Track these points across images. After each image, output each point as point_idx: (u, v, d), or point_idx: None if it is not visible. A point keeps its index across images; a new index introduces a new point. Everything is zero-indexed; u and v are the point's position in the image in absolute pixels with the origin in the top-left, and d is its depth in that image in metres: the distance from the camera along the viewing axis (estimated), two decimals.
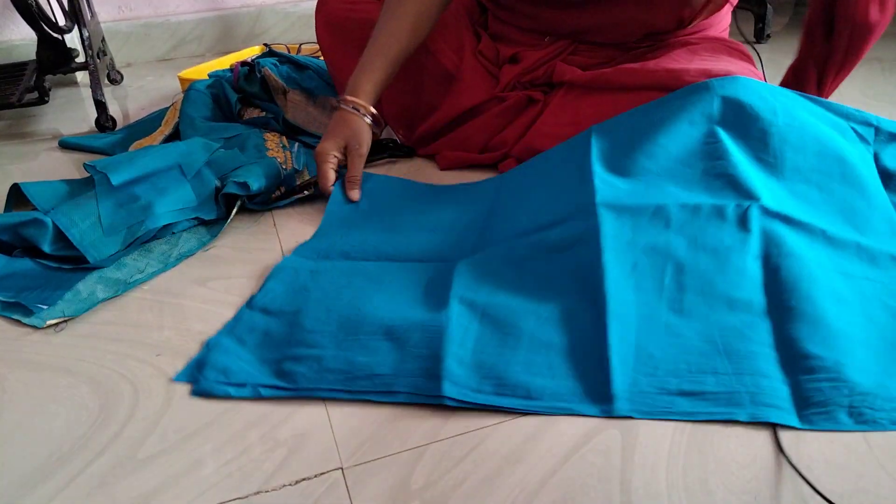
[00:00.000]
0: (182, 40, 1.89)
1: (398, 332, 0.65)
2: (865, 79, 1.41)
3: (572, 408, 0.59)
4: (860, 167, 0.80)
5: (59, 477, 0.56)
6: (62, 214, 0.85)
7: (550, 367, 0.62)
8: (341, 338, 0.66)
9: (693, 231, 0.71)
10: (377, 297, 0.71)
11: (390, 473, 0.55)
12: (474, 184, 0.99)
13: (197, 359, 0.67)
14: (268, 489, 0.54)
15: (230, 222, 0.94)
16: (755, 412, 0.57)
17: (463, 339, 0.64)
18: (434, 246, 0.83)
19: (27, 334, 0.75)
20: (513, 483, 0.54)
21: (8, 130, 1.40)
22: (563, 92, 1.03)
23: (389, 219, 0.90)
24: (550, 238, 0.75)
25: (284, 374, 0.63)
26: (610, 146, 0.85)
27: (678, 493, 0.52)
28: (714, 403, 0.58)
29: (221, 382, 0.63)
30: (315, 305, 0.71)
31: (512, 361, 0.62)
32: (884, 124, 0.88)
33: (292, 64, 1.31)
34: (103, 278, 0.82)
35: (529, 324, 0.66)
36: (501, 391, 0.60)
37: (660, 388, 0.59)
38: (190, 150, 0.99)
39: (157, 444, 0.59)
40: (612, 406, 0.58)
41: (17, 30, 1.70)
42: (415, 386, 0.60)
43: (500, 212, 0.87)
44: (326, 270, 0.78)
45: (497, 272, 0.73)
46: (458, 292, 0.70)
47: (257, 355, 0.66)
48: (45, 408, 0.64)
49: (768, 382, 0.59)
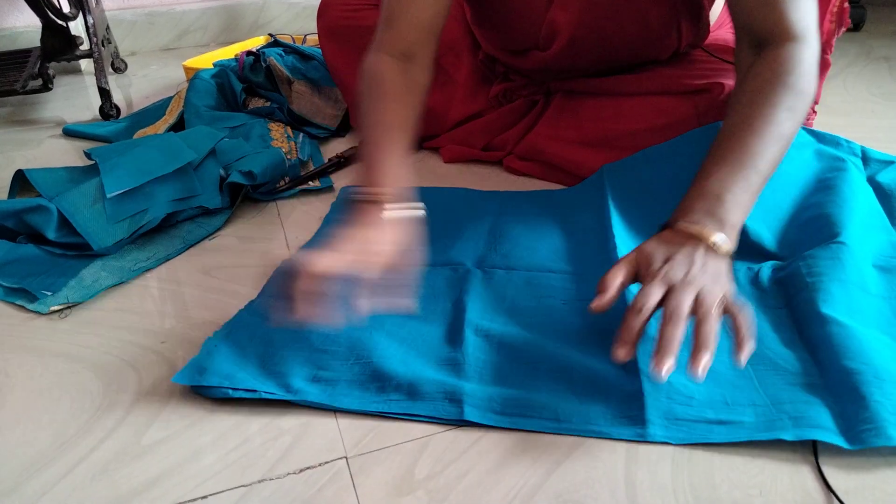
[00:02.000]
0: (187, 30, 1.88)
1: (414, 362, 0.63)
2: (872, 78, 1.40)
3: (603, 431, 0.56)
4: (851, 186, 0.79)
5: (63, 462, 0.56)
6: (66, 201, 0.85)
7: (575, 392, 0.59)
8: (353, 362, 0.63)
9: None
10: (387, 320, 0.68)
11: (394, 463, 0.55)
12: (475, 192, 0.96)
13: (197, 361, 0.63)
14: (271, 477, 0.54)
15: (234, 212, 0.94)
16: (800, 432, 0.54)
17: (482, 368, 0.62)
18: (441, 248, 0.81)
19: (31, 320, 0.75)
20: (517, 475, 0.54)
21: (12, 117, 1.40)
22: (561, 94, 1.02)
23: None
24: (570, 289, 0.72)
25: (293, 390, 0.61)
26: (626, 202, 0.83)
27: (683, 486, 0.52)
28: (755, 430, 0.55)
29: (225, 387, 0.60)
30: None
31: (533, 387, 0.60)
32: (869, 153, 0.87)
33: (297, 54, 1.31)
34: (107, 265, 0.82)
35: (548, 352, 0.63)
36: (527, 413, 0.58)
37: (697, 418, 0.56)
38: (195, 139, 0.99)
39: (160, 432, 0.59)
40: (645, 430, 0.55)
41: (21, 17, 1.70)
42: (434, 410, 0.58)
43: (507, 232, 0.83)
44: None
45: (513, 305, 0.70)
46: (473, 321, 0.67)
47: (262, 367, 0.63)
48: (49, 393, 0.64)
49: (810, 408, 0.56)
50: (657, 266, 0.60)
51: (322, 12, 1.14)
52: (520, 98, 1.05)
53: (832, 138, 0.88)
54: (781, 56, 0.71)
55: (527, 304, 0.71)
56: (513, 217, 0.87)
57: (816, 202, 0.78)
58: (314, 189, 1.01)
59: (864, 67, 1.47)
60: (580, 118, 0.98)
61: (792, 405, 0.56)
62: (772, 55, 0.72)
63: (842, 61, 1.52)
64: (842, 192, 0.77)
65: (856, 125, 1.16)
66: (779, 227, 0.78)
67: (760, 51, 0.73)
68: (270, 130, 1.14)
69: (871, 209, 0.78)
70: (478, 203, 0.92)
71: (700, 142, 0.84)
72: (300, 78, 1.25)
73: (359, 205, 0.68)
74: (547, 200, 0.92)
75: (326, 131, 1.19)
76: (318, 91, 1.25)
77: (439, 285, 0.74)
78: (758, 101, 0.69)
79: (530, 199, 0.92)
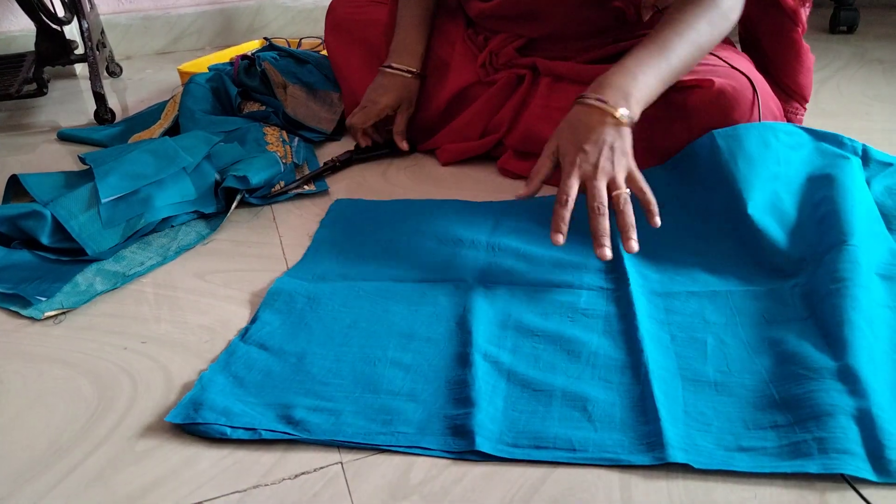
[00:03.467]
0: (182, 33, 1.88)
1: (421, 394, 0.61)
2: (866, 80, 1.41)
3: (621, 458, 0.54)
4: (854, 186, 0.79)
5: (58, 469, 0.56)
6: (61, 206, 0.84)
7: (590, 419, 0.58)
8: (358, 395, 0.61)
9: (728, 311, 0.69)
10: (390, 346, 0.67)
11: (389, 468, 0.55)
12: (472, 202, 0.94)
13: (191, 397, 0.61)
14: (267, 483, 0.54)
15: (229, 216, 0.94)
16: (827, 462, 0.52)
17: (492, 397, 0.60)
18: (439, 262, 0.80)
19: (25, 326, 0.74)
20: (513, 478, 0.54)
21: (6, 122, 1.39)
22: (551, 79, 1.02)
23: (387, 236, 0.86)
24: (579, 303, 0.72)
25: (295, 422, 0.59)
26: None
27: (678, 490, 0.52)
28: (778, 458, 0.53)
29: (221, 424, 0.58)
30: (320, 349, 0.67)
31: (547, 416, 0.58)
32: (871, 152, 0.87)
33: (293, 58, 1.31)
34: (102, 271, 0.82)
35: (559, 380, 0.62)
36: (541, 444, 0.56)
37: (716, 444, 0.55)
38: (190, 144, 0.98)
39: (155, 437, 0.59)
40: (665, 453, 0.53)
41: (16, 21, 1.69)
42: (444, 443, 0.56)
43: (507, 245, 0.82)
44: (325, 298, 0.74)
45: (520, 322, 0.69)
46: (481, 346, 0.65)
47: (260, 398, 0.61)
48: (44, 400, 0.64)
49: (835, 421, 0.54)
50: (571, 157, 0.75)
51: (331, 10, 1.23)
52: (506, 70, 1.06)
53: (833, 136, 0.88)
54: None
55: (533, 320, 0.69)
56: (512, 229, 0.86)
57: (826, 197, 0.77)
58: (309, 193, 1.00)
59: (857, 70, 1.48)
60: (570, 101, 0.98)
61: (815, 422, 0.54)
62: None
63: (836, 63, 1.52)
64: (848, 189, 0.77)
65: (850, 128, 1.16)
66: (791, 225, 0.77)
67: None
68: (266, 135, 1.14)
69: (871, 213, 0.78)
70: (475, 215, 0.90)
71: (707, 159, 0.84)
72: (295, 82, 1.25)
73: (391, 74, 1.05)
74: (544, 207, 0.90)
75: (322, 135, 1.19)
76: (314, 95, 1.25)
77: (441, 302, 0.73)
78: (685, 9, 0.83)
79: (527, 209, 0.91)
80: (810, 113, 1.05)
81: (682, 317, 0.69)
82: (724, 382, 0.61)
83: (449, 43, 1.11)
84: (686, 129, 0.88)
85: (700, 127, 0.87)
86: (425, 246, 0.84)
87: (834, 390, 0.57)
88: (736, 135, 0.83)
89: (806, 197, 0.80)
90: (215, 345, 0.69)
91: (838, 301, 0.64)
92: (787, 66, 1.00)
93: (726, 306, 0.70)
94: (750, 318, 0.68)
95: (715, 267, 0.76)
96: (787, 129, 0.85)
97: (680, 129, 0.89)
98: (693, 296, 0.72)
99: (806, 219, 0.77)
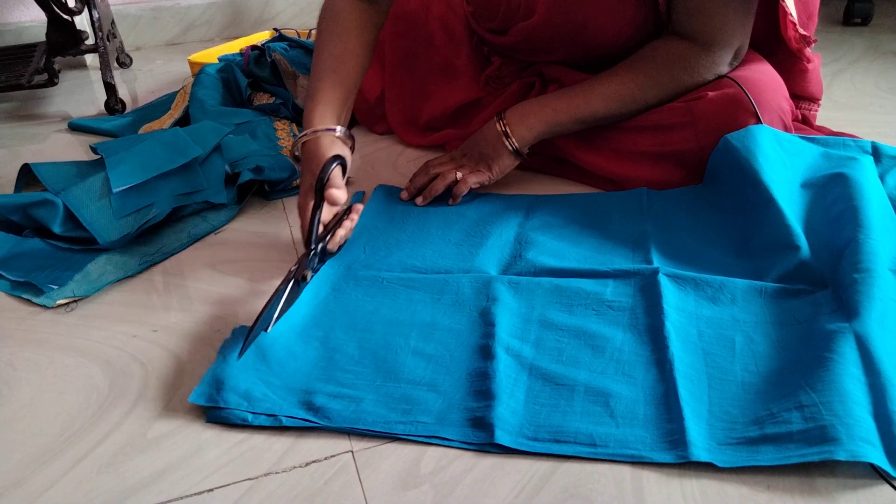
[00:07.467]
0: (191, 24, 1.88)
1: (442, 384, 0.61)
2: (881, 72, 1.39)
3: (643, 455, 0.53)
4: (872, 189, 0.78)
5: (70, 455, 0.56)
6: (72, 195, 0.85)
7: (612, 415, 0.57)
8: (379, 383, 0.61)
9: (757, 308, 0.68)
10: (412, 335, 0.67)
11: (400, 457, 0.55)
12: (499, 196, 0.94)
13: (213, 374, 0.61)
14: (277, 471, 0.54)
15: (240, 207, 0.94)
16: (855, 450, 0.50)
17: (513, 390, 0.59)
18: (465, 253, 0.79)
19: (37, 314, 0.75)
20: (524, 469, 0.53)
21: (17, 112, 1.40)
22: (558, 86, 1.01)
23: (413, 228, 0.86)
24: (606, 294, 0.71)
25: (315, 408, 0.59)
26: (667, 227, 0.82)
27: (689, 479, 0.52)
28: (805, 444, 0.52)
29: (243, 410, 0.58)
30: (344, 336, 0.67)
31: (568, 411, 0.58)
32: (881, 148, 0.87)
33: (302, 49, 1.31)
34: (113, 260, 0.82)
35: (582, 375, 0.61)
36: (561, 438, 0.55)
37: (740, 439, 0.54)
38: (201, 134, 0.99)
39: (166, 425, 0.59)
40: (687, 451, 0.53)
41: (27, 11, 1.70)
42: (463, 435, 0.56)
43: (535, 239, 0.82)
44: (349, 287, 0.74)
45: (544, 315, 0.69)
46: (504, 339, 0.65)
47: (283, 380, 0.61)
48: (56, 387, 0.64)
49: (861, 410, 0.53)
50: (460, 153, 0.93)
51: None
52: (514, 82, 1.05)
53: (836, 141, 0.87)
54: (680, 44, 0.88)
55: (557, 314, 0.69)
56: (540, 223, 0.85)
57: (840, 195, 0.76)
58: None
59: (871, 62, 1.46)
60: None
61: (842, 405, 0.53)
62: (676, 40, 0.89)
63: (849, 56, 1.51)
64: (861, 186, 0.76)
65: (863, 120, 1.15)
66: (804, 225, 0.76)
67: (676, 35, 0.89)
68: (276, 129, 1.14)
69: (885, 210, 0.77)
70: (507, 209, 0.89)
71: (726, 161, 0.84)
72: (305, 72, 1.25)
73: (306, 146, 0.81)
74: (576, 203, 0.90)
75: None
76: None
77: (465, 293, 0.72)
78: (636, 61, 0.89)
79: (557, 203, 0.91)
80: (823, 106, 1.04)
81: (711, 312, 0.68)
82: (751, 382, 0.60)
83: (454, 42, 1.10)
84: (693, 135, 0.88)
85: (707, 132, 0.87)
86: (452, 238, 0.83)
87: (858, 379, 0.56)
88: (749, 134, 0.83)
89: (817, 198, 0.79)
90: (226, 334, 0.69)
91: (864, 289, 0.63)
92: (797, 87, 0.99)
93: (756, 303, 0.69)
94: (780, 316, 0.67)
95: (744, 264, 0.75)
96: (790, 138, 0.86)
97: (688, 136, 0.89)
98: (722, 291, 0.70)
99: (819, 219, 0.77)
